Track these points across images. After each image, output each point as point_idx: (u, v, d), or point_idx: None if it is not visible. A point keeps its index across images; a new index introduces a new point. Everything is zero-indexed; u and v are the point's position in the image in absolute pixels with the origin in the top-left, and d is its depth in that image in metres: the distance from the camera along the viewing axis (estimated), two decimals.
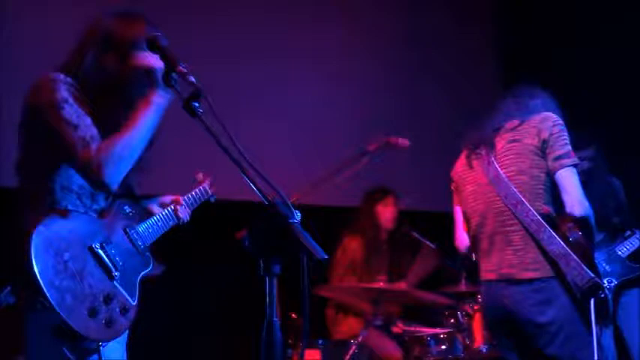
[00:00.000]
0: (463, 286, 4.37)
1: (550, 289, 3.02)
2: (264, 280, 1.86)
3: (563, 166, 3.05)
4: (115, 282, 2.21)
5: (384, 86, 6.03)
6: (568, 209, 3.01)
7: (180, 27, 4.02)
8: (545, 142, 3.09)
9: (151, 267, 2.38)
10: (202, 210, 2.84)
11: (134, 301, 2.27)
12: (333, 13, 5.89)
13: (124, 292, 2.23)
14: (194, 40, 4.68)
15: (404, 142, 3.69)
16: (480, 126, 3.35)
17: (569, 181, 3.03)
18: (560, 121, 3.14)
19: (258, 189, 1.86)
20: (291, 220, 1.84)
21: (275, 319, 1.84)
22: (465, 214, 3.38)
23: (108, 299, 2.16)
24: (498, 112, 3.33)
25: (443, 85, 6.09)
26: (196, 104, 1.92)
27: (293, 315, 4.16)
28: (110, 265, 2.20)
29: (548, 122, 3.13)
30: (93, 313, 2.10)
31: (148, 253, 2.40)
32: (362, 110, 5.83)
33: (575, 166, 3.06)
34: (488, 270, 3.21)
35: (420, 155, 4.98)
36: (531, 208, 3.05)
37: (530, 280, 3.05)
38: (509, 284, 3.10)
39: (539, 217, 3.03)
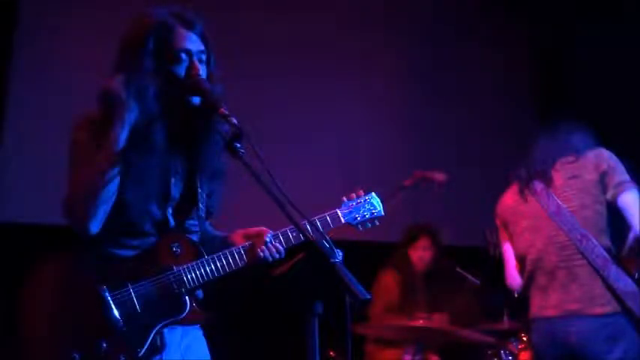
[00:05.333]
0: (506, 324, 4.27)
1: (618, 325, 2.99)
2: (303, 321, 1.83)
3: (625, 189, 3.05)
4: None
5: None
6: (635, 230, 2.99)
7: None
8: (604, 174, 3.11)
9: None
10: None
11: None
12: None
13: None
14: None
15: (440, 176, 3.65)
16: (531, 161, 3.32)
17: (634, 203, 3.03)
18: (614, 155, 3.17)
19: (300, 229, 1.85)
20: (333, 260, 1.82)
21: None
22: (517, 249, 3.33)
23: None
24: (547, 147, 3.31)
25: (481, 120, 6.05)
26: (238, 145, 1.92)
27: (331, 353, 4.10)
28: None
29: (603, 155, 3.16)
30: None
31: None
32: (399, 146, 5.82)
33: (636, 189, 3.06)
34: (549, 306, 3.15)
35: (460, 190, 4.93)
36: (597, 244, 3.03)
37: (599, 316, 3.01)
38: (575, 320, 3.06)
39: (604, 252, 3.02)
